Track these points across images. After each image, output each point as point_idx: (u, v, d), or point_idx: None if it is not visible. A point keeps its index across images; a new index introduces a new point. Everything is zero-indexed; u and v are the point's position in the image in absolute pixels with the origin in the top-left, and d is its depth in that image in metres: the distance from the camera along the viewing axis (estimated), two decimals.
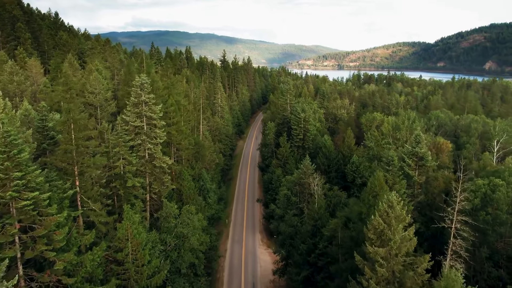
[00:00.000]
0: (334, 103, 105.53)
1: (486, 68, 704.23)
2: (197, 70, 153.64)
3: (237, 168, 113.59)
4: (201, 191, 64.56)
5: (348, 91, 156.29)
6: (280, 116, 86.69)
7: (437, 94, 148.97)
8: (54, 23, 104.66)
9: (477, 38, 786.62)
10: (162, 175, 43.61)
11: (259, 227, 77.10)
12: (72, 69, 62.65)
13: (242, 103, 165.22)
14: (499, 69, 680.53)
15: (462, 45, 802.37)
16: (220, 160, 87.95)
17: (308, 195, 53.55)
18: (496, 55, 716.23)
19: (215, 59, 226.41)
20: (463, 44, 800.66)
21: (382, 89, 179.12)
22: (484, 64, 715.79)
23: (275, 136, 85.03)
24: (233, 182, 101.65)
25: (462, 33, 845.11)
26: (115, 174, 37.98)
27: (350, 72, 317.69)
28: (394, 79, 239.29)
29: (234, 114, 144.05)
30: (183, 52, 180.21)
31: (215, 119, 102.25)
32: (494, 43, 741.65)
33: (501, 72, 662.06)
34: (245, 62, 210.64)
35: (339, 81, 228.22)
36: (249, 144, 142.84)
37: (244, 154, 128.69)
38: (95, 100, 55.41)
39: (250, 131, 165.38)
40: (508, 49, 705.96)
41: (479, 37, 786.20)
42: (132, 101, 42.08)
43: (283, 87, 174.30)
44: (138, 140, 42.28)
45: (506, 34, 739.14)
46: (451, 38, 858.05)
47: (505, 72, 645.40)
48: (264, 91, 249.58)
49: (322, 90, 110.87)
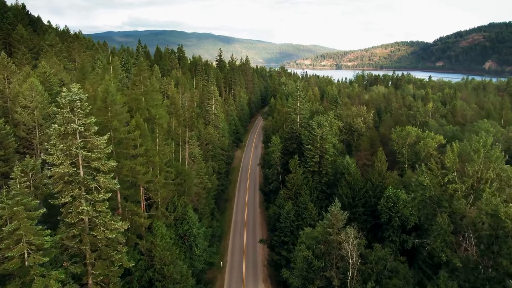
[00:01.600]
0: (349, 110, 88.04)
1: (486, 67, 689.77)
2: (189, 71, 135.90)
3: (235, 186, 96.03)
4: (186, 237, 47.22)
5: (358, 95, 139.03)
6: (288, 130, 68.82)
7: (456, 97, 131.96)
8: (16, 16, 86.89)
9: (476, 38, 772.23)
10: (110, 251, 26.08)
11: (262, 275, 59.68)
12: (7, 72, 45.06)
13: (240, 108, 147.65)
14: (499, 68, 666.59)
15: (461, 44, 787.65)
16: (213, 183, 70.48)
17: (338, 257, 36.28)
18: (496, 55, 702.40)
19: (212, 59, 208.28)
20: (462, 44, 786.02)
21: (395, 92, 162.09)
22: (483, 64, 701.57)
23: (281, 155, 67.49)
24: (229, 206, 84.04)
25: (461, 32, 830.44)
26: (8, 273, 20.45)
27: (354, 72, 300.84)
28: (401, 79, 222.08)
29: (231, 120, 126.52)
30: (177, 51, 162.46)
31: (208, 130, 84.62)
32: (494, 43, 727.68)
33: (501, 72, 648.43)
34: (243, 62, 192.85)
35: (343, 82, 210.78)
36: (248, 155, 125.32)
37: (242, 167, 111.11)
38: (28, 118, 37.93)
39: (249, 138, 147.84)
40: (508, 48, 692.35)
41: (478, 36, 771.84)
42: (56, 130, 24.53)
43: (284, 89, 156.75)
44: (68, 196, 24.78)
45: (506, 34, 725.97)
46: (450, 37, 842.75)
47: (506, 72, 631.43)
48: (264, 93, 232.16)
49: (333, 95, 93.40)
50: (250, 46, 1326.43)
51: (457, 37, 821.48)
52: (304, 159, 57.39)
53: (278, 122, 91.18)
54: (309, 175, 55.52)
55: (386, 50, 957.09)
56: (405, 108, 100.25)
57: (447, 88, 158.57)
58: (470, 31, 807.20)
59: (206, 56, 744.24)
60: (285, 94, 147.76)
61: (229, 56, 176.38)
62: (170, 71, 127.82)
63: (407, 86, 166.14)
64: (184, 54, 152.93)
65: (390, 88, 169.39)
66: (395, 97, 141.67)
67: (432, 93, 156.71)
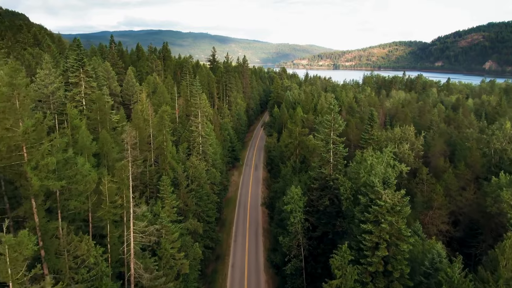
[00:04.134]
0: (389, 132, 61.31)
1: (486, 67, 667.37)
2: (174, 74, 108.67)
3: (229, 235, 69.03)
4: None
5: (381, 103, 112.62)
6: (314, 174, 41.34)
7: (502, 105, 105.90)
8: None
9: (475, 37, 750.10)
10: None
11: None
12: None
13: (236, 117, 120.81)
14: (500, 68, 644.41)
15: (460, 44, 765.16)
16: (196, 255, 43.84)
17: None
18: (496, 55, 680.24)
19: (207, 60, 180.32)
20: (461, 44, 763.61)
21: (417, 98, 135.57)
22: (484, 64, 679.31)
23: (303, 215, 40.70)
24: (219, 277, 56.79)
25: (460, 32, 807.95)
26: None
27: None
28: (415, 82, 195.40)
29: (226, 136, 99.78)
30: (162, 49, 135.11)
31: (192, 161, 57.73)
32: (493, 43, 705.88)
33: (502, 72, 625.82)
34: (240, 63, 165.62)
35: (353, 85, 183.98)
36: (246, 179, 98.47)
37: (239, 202, 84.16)
38: None
39: (247, 155, 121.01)
40: (508, 48, 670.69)
41: (477, 36, 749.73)
42: None
43: (289, 96, 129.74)
44: None
45: (505, 33, 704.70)
46: (448, 37, 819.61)
47: (507, 72, 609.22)
48: (263, 97, 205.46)
49: (369, 111, 66.02)
50: (246, 46, 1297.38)
51: (456, 37, 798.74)
52: (354, 243, 30.59)
53: (289, 147, 64.52)
54: (367, 278, 28.81)
55: (384, 50, 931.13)
56: (447, 125, 73.44)
57: (484, 95, 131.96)
58: (469, 31, 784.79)
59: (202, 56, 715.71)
60: (290, 101, 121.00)
61: (223, 55, 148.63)
62: (151, 74, 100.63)
63: (432, 92, 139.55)
64: (170, 53, 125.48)
65: (412, 93, 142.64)
66: (422, 105, 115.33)
67: (463, 99, 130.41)
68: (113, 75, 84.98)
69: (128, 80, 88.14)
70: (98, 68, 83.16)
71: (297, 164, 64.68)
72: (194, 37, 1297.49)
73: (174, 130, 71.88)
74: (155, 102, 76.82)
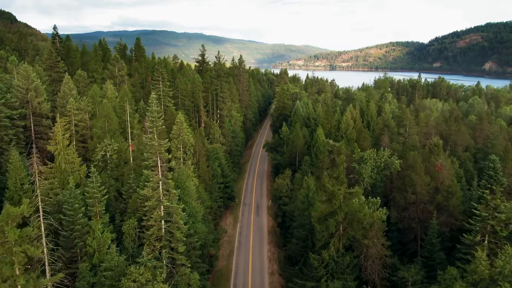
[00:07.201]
0: None
1: (486, 68, 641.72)
2: (144, 80, 77.02)
3: None
4: None
5: (418, 120, 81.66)
6: None
7: None
8: None
9: (474, 38, 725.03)
10: None
11: None
12: None
13: (231, 136, 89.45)
14: (500, 69, 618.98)
15: (458, 45, 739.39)
16: None
17: None
18: (496, 55, 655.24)
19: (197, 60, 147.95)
20: (460, 44, 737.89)
21: (459, 109, 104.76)
22: (483, 65, 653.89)
23: None
24: None
25: (458, 32, 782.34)
26: None
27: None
28: (438, 86, 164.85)
29: (216, 168, 68.59)
30: (134, 48, 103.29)
31: (138, 273, 26.78)
32: (492, 43, 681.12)
33: (503, 73, 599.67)
34: (236, 64, 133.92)
35: (368, 90, 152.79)
36: (246, 230, 67.06)
37: (236, 284, 52.74)
38: None
39: (246, 186, 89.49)
40: (508, 49, 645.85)
41: (476, 36, 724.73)
42: None
43: (301, 108, 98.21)
44: None
45: (504, 34, 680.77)
46: (446, 37, 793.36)
47: (507, 73, 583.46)
48: (262, 103, 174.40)
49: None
50: (241, 46, 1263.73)
51: (454, 37, 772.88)
52: None
53: (329, 224, 33.55)
54: None
55: (381, 50, 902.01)
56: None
57: None
58: (467, 31, 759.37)
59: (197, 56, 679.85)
60: (302, 116, 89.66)
61: (213, 56, 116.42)
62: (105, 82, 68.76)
63: (476, 100, 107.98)
64: (144, 52, 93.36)
65: (452, 103, 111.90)
66: (477, 122, 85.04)
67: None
68: (37, 84, 53.04)
69: (65, 93, 56.33)
70: (14, 73, 51.41)
71: (340, 255, 33.68)
72: (189, 37, 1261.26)
73: (121, 186, 40.27)
74: (95, 132, 45.10)
